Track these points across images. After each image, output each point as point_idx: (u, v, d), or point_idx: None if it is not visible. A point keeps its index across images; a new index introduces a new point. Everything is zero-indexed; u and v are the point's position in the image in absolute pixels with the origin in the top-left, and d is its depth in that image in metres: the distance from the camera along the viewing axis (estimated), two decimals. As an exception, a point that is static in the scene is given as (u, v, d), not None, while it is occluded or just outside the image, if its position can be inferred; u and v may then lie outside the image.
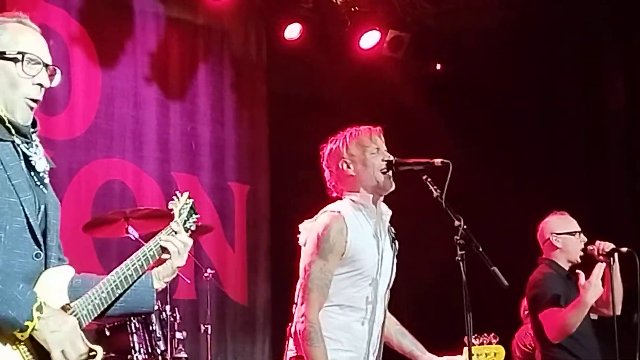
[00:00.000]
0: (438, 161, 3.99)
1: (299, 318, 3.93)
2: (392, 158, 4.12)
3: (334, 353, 3.93)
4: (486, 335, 4.27)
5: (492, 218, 7.34)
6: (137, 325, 6.01)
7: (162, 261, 3.13)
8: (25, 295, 2.76)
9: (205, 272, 7.02)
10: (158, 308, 6.18)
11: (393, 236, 4.22)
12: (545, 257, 5.50)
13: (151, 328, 6.09)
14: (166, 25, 8.14)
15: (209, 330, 6.92)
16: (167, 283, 3.20)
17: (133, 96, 7.87)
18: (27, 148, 2.96)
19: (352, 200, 4.12)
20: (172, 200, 3.25)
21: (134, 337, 6.00)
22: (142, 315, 5.73)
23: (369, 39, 8.72)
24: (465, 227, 3.77)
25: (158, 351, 6.09)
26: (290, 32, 8.55)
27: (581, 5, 8.31)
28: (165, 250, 3.11)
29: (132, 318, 5.86)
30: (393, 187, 4.13)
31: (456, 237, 3.76)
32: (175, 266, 3.13)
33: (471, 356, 3.84)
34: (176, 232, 3.14)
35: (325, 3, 8.54)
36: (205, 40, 8.47)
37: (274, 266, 8.54)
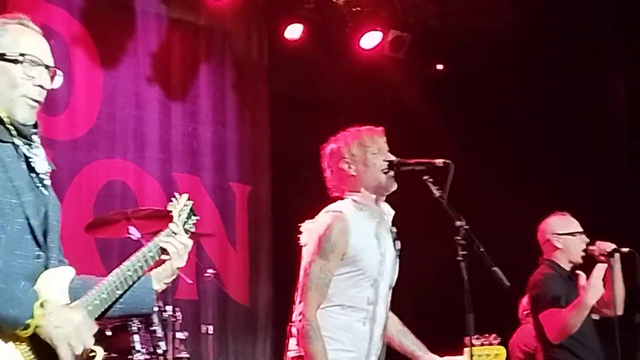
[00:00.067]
0: (439, 161, 3.98)
1: (297, 317, 3.94)
2: (394, 158, 4.11)
3: (336, 353, 3.93)
4: (487, 335, 4.27)
5: (493, 218, 7.34)
6: (139, 325, 6.00)
7: (162, 262, 3.13)
8: (26, 293, 2.75)
9: (206, 273, 7.03)
10: (159, 308, 6.18)
11: (395, 236, 4.21)
12: (546, 258, 5.49)
13: (152, 328, 6.09)
14: (168, 25, 8.15)
15: (211, 330, 6.93)
16: (167, 284, 3.20)
17: (135, 97, 7.88)
18: (28, 150, 2.96)
19: (354, 200, 4.11)
20: (172, 201, 3.26)
21: (135, 338, 5.99)
22: (142, 316, 5.72)
23: (371, 39, 8.72)
24: (466, 228, 3.77)
25: (159, 351, 6.08)
26: (291, 33, 8.55)
27: (582, 5, 8.32)
28: (165, 251, 3.11)
29: (133, 318, 5.87)
30: (394, 187, 4.12)
31: (457, 238, 3.75)
32: (174, 267, 3.14)
33: (472, 356, 3.85)
34: (176, 234, 3.14)
35: (326, 3, 8.54)
36: (206, 40, 8.48)
37: (276, 266, 8.55)
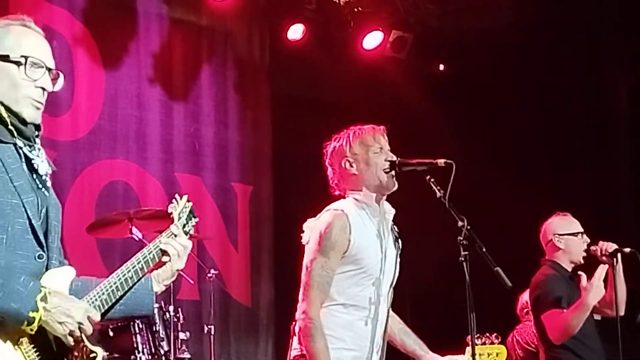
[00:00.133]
0: (441, 162, 3.98)
1: (300, 315, 3.93)
2: (396, 158, 4.11)
3: (338, 352, 3.93)
4: (488, 335, 4.27)
5: (495, 219, 7.33)
6: (141, 325, 6.02)
7: (162, 264, 3.14)
8: (27, 287, 2.75)
9: (208, 273, 7.03)
10: (161, 308, 6.19)
11: (396, 235, 4.21)
12: (548, 258, 5.49)
13: (155, 328, 6.10)
14: (169, 26, 8.15)
15: (212, 330, 6.93)
16: (167, 286, 3.20)
17: (136, 97, 7.88)
18: (30, 151, 2.96)
19: (355, 199, 4.11)
20: (172, 203, 3.27)
21: (138, 338, 6.01)
22: (142, 318, 5.73)
23: (372, 40, 8.72)
24: (468, 228, 3.77)
25: (161, 352, 6.09)
26: (293, 33, 8.55)
27: (582, 5, 8.32)
28: (165, 252, 3.12)
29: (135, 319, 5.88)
30: (396, 187, 4.12)
31: (459, 238, 3.75)
32: (174, 269, 3.14)
33: (474, 356, 3.85)
34: (176, 235, 3.15)
35: (328, 4, 8.55)
36: (208, 41, 8.48)
37: (277, 267, 8.55)
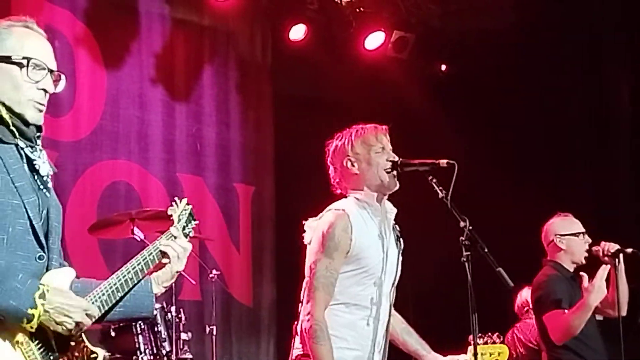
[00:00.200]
0: (443, 162, 3.98)
1: (305, 316, 3.92)
2: (397, 158, 4.12)
3: (340, 351, 3.93)
4: (490, 334, 4.28)
5: (497, 219, 7.32)
6: (143, 326, 6.02)
7: (162, 266, 3.15)
8: (25, 284, 2.75)
9: (210, 273, 7.03)
10: (163, 309, 6.19)
11: (398, 234, 4.21)
12: (549, 259, 5.49)
13: (156, 329, 6.10)
14: (171, 26, 8.15)
15: (214, 331, 6.92)
16: (166, 288, 3.21)
17: (138, 97, 7.88)
18: (31, 152, 2.96)
19: (357, 198, 4.11)
20: (172, 205, 3.28)
21: (140, 338, 6.01)
22: (141, 320, 5.72)
23: (374, 40, 8.71)
24: (470, 228, 3.77)
25: (163, 352, 6.10)
26: (295, 33, 8.55)
27: (584, 5, 8.31)
28: (164, 254, 3.12)
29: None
30: (397, 187, 4.12)
31: (461, 238, 3.75)
32: (174, 271, 3.15)
33: (476, 356, 3.85)
34: (176, 237, 3.16)
35: (330, 4, 8.55)
36: (210, 41, 8.48)
37: (279, 267, 8.54)
